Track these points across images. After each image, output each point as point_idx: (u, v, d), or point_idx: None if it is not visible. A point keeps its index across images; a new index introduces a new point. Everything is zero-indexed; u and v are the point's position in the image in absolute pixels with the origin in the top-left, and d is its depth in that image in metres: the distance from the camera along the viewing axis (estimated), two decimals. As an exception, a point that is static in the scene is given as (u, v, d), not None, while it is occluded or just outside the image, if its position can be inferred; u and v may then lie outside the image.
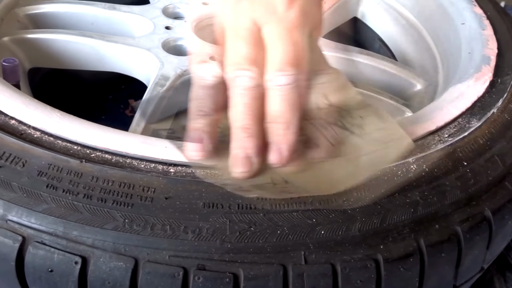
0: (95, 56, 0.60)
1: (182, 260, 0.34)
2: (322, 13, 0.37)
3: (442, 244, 0.38)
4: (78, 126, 0.41)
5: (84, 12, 0.65)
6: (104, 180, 0.37)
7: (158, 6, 0.66)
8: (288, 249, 0.35)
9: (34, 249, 0.35)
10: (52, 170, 0.37)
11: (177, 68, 0.57)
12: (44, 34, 0.60)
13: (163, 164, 0.39)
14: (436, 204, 0.38)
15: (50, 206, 0.35)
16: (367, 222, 0.37)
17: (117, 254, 0.34)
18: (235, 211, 0.36)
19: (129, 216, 0.35)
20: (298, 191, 0.37)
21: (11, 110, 0.41)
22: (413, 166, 0.40)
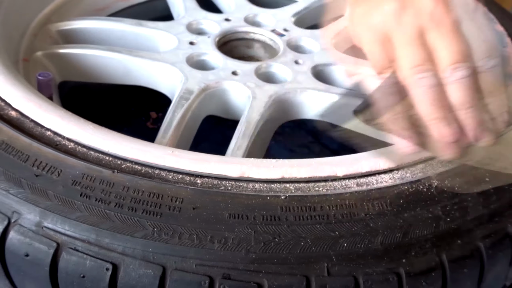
0: (123, 70, 0.62)
1: (208, 269, 0.35)
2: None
3: (465, 260, 0.38)
4: (109, 138, 0.43)
5: (112, 28, 0.68)
6: (135, 190, 0.38)
7: (183, 22, 0.69)
8: (311, 261, 0.36)
9: (67, 255, 0.36)
10: (86, 179, 0.39)
11: (200, 82, 0.59)
12: (74, 49, 0.63)
13: (190, 175, 0.41)
14: (459, 219, 0.39)
15: (84, 214, 0.37)
16: (389, 235, 0.37)
17: (146, 262, 0.36)
18: (259, 222, 0.37)
19: (158, 225, 0.37)
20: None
21: (47, 122, 0.44)
22: (434, 182, 0.41)
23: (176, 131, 0.53)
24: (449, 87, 0.39)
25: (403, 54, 0.39)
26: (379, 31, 0.40)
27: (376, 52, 0.41)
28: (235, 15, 0.71)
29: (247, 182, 0.41)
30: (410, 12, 0.39)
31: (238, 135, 0.52)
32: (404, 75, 0.39)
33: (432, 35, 0.39)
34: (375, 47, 0.40)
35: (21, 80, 0.48)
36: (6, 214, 0.38)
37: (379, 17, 0.40)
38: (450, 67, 0.38)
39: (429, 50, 0.39)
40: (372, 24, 0.40)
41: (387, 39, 0.40)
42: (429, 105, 0.39)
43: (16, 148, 0.41)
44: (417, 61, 0.39)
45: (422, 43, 0.39)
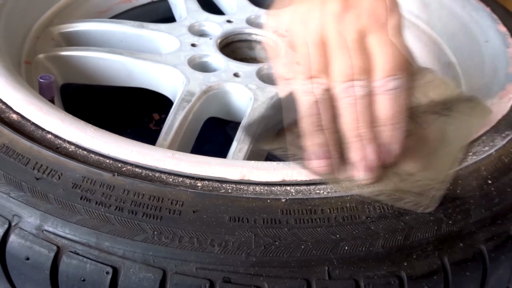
0: (125, 72, 0.63)
1: (208, 273, 0.35)
2: (400, 19, 0.38)
3: (467, 263, 0.37)
4: (110, 140, 0.43)
5: (113, 30, 0.68)
6: (135, 193, 0.38)
7: (184, 24, 0.69)
8: (312, 264, 0.36)
9: (68, 258, 0.36)
10: (86, 182, 0.39)
11: (202, 84, 0.59)
12: (76, 51, 0.63)
13: (191, 178, 0.40)
14: (460, 222, 0.38)
15: (84, 217, 0.37)
16: (391, 238, 0.37)
17: (146, 265, 0.36)
18: (260, 226, 0.37)
19: (158, 229, 0.37)
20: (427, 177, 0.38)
21: (48, 125, 0.44)
22: (436, 184, 0.41)
23: (177, 133, 0.53)
24: (378, 99, 0.36)
25: (335, 59, 0.36)
26: (316, 32, 0.36)
27: (309, 55, 0.37)
28: (237, 17, 0.71)
29: (248, 185, 0.41)
30: (314, 14, 0.36)
31: (239, 138, 0.52)
32: (334, 83, 0.36)
33: (331, 44, 0.36)
34: (310, 49, 0.36)
35: (22, 83, 0.48)
36: (6, 218, 0.38)
37: (318, 18, 0.36)
38: (343, 84, 0.35)
39: (326, 61, 0.36)
40: (310, 24, 0.36)
41: (323, 42, 0.36)
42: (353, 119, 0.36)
43: (17, 151, 0.41)
44: (308, 72, 0.36)
45: (319, 51, 0.36)
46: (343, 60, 0.36)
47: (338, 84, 0.36)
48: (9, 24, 0.58)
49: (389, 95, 0.36)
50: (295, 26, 0.38)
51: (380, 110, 0.36)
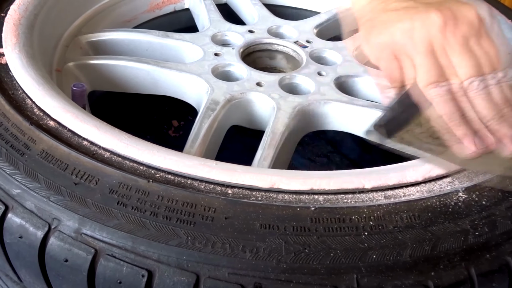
0: (150, 81, 0.64)
1: (240, 278, 0.36)
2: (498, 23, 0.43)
3: (493, 274, 0.38)
4: (144, 147, 0.44)
5: (139, 39, 0.70)
6: (169, 199, 0.40)
7: (207, 34, 0.70)
8: (341, 272, 0.37)
9: (105, 261, 0.37)
10: (122, 188, 0.40)
11: (226, 93, 0.60)
12: (104, 60, 0.65)
13: (221, 185, 0.42)
14: (487, 233, 0.39)
15: (121, 221, 0.38)
16: (418, 248, 0.38)
17: (180, 269, 0.37)
18: (290, 233, 0.38)
19: (191, 234, 0.38)
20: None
21: (84, 132, 0.45)
22: (462, 195, 0.41)
23: (203, 141, 0.54)
24: (464, 102, 0.41)
25: (414, 71, 0.41)
26: (387, 49, 0.42)
27: (393, 69, 0.43)
28: (258, 27, 0.73)
29: (277, 193, 0.42)
30: (420, 30, 0.41)
31: (264, 146, 0.53)
32: (417, 92, 0.41)
33: (442, 52, 0.41)
34: (392, 64, 0.42)
35: (58, 91, 0.50)
36: (46, 221, 0.39)
37: (386, 36, 0.42)
38: (463, 82, 0.40)
39: (440, 67, 0.41)
40: (387, 42, 0.42)
41: (395, 57, 0.42)
42: (446, 120, 0.41)
43: (56, 157, 0.42)
44: (430, 78, 0.40)
45: (432, 60, 0.41)
46: (456, 63, 0.41)
47: (458, 84, 0.41)
48: (42, 34, 0.60)
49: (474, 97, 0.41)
50: (373, 46, 0.43)
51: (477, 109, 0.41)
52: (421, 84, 0.41)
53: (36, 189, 0.40)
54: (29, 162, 0.42)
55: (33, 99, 0.48)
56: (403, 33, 0.41)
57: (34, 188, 0.40)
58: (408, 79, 0.42)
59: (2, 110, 0.47)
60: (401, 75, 0.42)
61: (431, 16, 0.40)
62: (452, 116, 0.41)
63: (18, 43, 0.55)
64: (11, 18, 0.58)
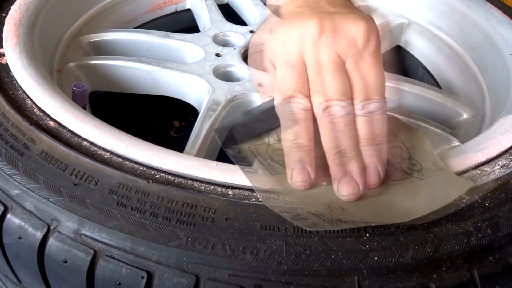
0: (151, 81, 0.64)
1: (240, 280, 0.36)
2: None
3: (496, 276, 0.38)
4: (144, 148, 0.44)
5: (140, 40, 0.70)
6: (169, 200, 0.39)
7: (209, 34, 0.70)
8: (342, 274, 0.36)
9: (104, 262, 0.37)
10: (122, 189, 0.40)
11: (227, 93, 0.60)
12: (104, 60, 0.65)
13: (222, 186, 0.41)
14: (490, 235, 0.39)
15: (120, 222, 0.38)
16: (420, 250, 0.37)
17: (180, 271, 0.36)
18: (291, 234, 0.38)
19: (191, 235, 0.37)
20: (353, 220, 0.38)
21: (84, 133, 0.45)
22: (464, 197, 0.41)
23: (204, 141, 0.54)
24: (320, 125, 0.37)
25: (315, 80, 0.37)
26: (295, 54, 0.38)
27: (288, 76, 0.38)
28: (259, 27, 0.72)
29: (278, 194, 0.41)
30: (294, 37, 0.37)
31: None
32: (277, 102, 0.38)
33: (310, 66, 0.37)
34: (288, 70, 0.38)
35: (58, 91, 0.50)
36: (46, 222, 0.39)
37: (298, 40, 0.38)
38: (323, 104, 0.37)
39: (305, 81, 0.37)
40: (290, 46, 0.38)
41: (303, 63, 0.38)
42: (333, 136, 0.37)
43: (55, 158, 0.42)
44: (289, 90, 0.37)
45: (299, 71, 0.37)
46: (322, 82, 0.37)
47: (318, 105, 0.37)
48: (43, 34, 0.60)
49: (369, 117, 0.37)
50: (275, 45, 0.39)
51: (362, 131, 0.37)
52: (281, 95, 0.38)
53: (36, 189, 0.40)
54: (29, 162, 0.42)
55: (33, 99, 0.48)
56: (279, 37, 0.38)
57: (34, 188, 0.40)
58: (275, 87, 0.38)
59: (2, 110, 0.47)
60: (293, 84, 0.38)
61: (307, 24, 0.37)
62: (299, 135, 0.37)
63: (18, 43, 0.55)
64: (12, 18, 0.58)
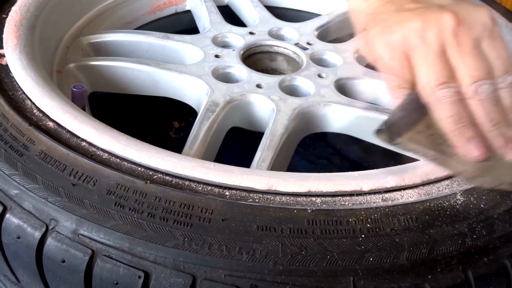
0: (150, 82, 0.64)
1: (236, 280, 0.36)
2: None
3: (491, 278, 0.38)
4: (142, 149, 0.44)
5: (140, 41, 0.70)
6: (166, 200, 0.40)
7: (208, 36, 0.71)
8: (338, 274, 0.37)
9: (102, 262, 0.38)
10: (120, 189, 0.40)
11: (226, 94, 0.60)
12: (104, 61, 0.65)
13: (219, 187, 0.42)
14: (485, 237, 0.39)
15: (118, 222, 0.38)
16: (415, 251, 0.38)
17: (177, 271, 0.37)
18: (287, 235, 0.38)
19: (188, 235, 0.38)
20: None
21: (83, 133, 0.45)
22: (460, 198, 0.41)
23: (202, 142, 0.54)
24: (473, 104, 0.40)
25: (425, 71, 0.41)
26: (399, 48, 0.41)
27: (395, 69, 0.42)
28: (259, 29, 0.73)
29: (274, 195, 0.42)
30: (432, 31, 0.40)
31: (263, 148, 0.53)
32: (427, 92, 0.41)
33: (453, 54, 0.40)
34: (395, 64, 0.42)
35: (58, 92, 0.50)
36: (44, 221, 0.39)
37: (399, 35, 0.41)
38: (473, 85, 0.40)
39: (450, 68, 0.40)
40: (392, 41, 0.41)
41: (407, 57, 0.41)
42: (453, 122, 0.40)
43: (54, 158, 0.43)
44: (440, 79, 0.40)
45: (443, 61, 0.40)
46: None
47: (468, 86, 0.40)
48: (43, 35, 0.61)
49: (482, 100, 0.40)
50: (374, 45, 0.43)
51: (477, 115, 0.40)
52: (431, 85, 0.40)
53: (34, 189, 0.40)
54: (28, 162, 0.42)
55: (32, 100, 0.49)
56: (416, 33, 0.41)
57: (32, 188, 0.41)
58: (419, 79, 0.41)
59: (1, 111, 0.47)
60: (412, 75, 0.41)
61: (444, 17, 0.40)
62: (459, 118, 0.40)
63: (18, 44, 0.55)
64: (12, 19, 0.58)
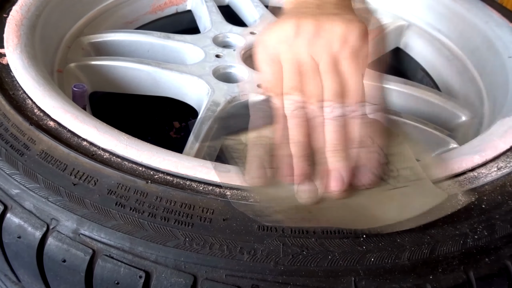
0: (151, 82, 0.64)
1: (237, 280, 0.36)
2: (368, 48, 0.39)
3: (492, 278, 0.38)
4: (143, 149, 0.44)
5: (141, 41, 0.70)
6: (167, 200, 0.40)
7: (209, 36, 0.71)
8: (339, 275, 0.36)
9: (103, 262, 0.37)
10: (121, 189, 0.40)
11: (226, 94, 0.60)
12: (105, 61, 0.65)
13: (220, 187, 0.42)
14: (486, 237, 0.39)
15: (119, 222, 0.38)
16: (417, 251, 0.38)
17: (178, 271, 0.37)
18: (288, 235, 0.38)
19: (189, 235, 0.38)
20: (319, 222, 0.38)
21: (83, 133, 0.45)
22: (461, 199, 0.41)
23: (204, 142, 0.54)
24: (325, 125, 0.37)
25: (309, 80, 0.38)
26: (291, 52, 0.39)
27: (267, 72, 0.40)
28: (259, 29, 0.73)
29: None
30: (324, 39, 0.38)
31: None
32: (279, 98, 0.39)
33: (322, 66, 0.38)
34: (284, 67, 0.39)
35: (58, 92, 0.50)
36: (45, 221, 0.39)
37: (293, 39, 0.39)
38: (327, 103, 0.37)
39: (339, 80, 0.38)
40: (286, 44, 0.39)
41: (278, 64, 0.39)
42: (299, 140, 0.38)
43: (55, 158, 0.42)
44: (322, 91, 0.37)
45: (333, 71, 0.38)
46: (316, 82, 0.38)
47: (311, 104, 0.38)
48: (44, 34, 0.61)
49: (362, 119, 0.37)
50: (274, 43, 0.40)
51: (354, 132, 0.37)
52: (277, 91, 0.39)
53: (35, 189, 0.40)
54: (29, 162, 0.42)
55: (33, 100, 0.49)
56: (280, 37, 0.39)
57: (33, 188, 0.40)
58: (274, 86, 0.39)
59: (2, 110, 0.47)
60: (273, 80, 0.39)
61: (285, 25, 0.38)
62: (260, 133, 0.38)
63: (19, 43, 0.55)
64: (13, 19, 0.58)
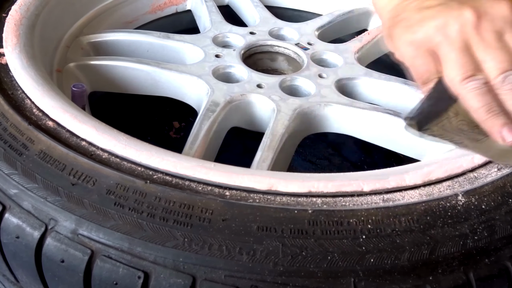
0: (151, 82, 0.64)
1: (236, 280, 0.36)
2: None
3: (492, 279, 0.38)
4: (142, 149, 0.44)
5: (140, 40, 0.70)
6: (166, 200, 0.40)
7: (209, 35, 0.70)
8: (338, 275, 0.36)
9: (101, 262, 0.37)
10: (119, 189, 0.40)
11: (226, 94, 0.60)
12: (104, 61, 0.65)
13: (219, 187, 0.42)
14: (486, 238, 0.39)
15: (117, 222, 0.38)
16: (416, 252, 0.38)
17: (177, 271, 0.37)
18: (287, 236, 0.38)
19: (188, 236, 0.38)
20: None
21: (82, 133, 0.45)
22: (461, 199, 0.41)
23: (203, 142, 0.54)
24: (502, 94, 0.41)
25: (451, 67, 0.42)
26: (423, 46, 0.43)
27: (421, 65, 0.43)
28: (259, 29, 0.73)
29: (275, 196, 0.41)
30: (454, 27, 0.41)
31: (263, 148, 0.53)
32: (455, 87, 0.42)
33: (477, 48, 0.41)
34: (420, 60, 0.43)
35: (58, 92, 0.50)
36: (43, 221, 0.39)
37: (422, 34, 0.42)
38: (500, 76, 0.40)
39: (476, 61, 0.41)
40: (415, 40, 0.43)
41: (431, 54, 0.42)
42: (485, 111, 0.41)
43: (54, 158, 0.42)
44: (466, 72, 0.41)
45: (468, 55, 0.41)
46: (492, 58, 0.41)
47: (495, 78, 0.41)
48: (44, 34, 0.60)
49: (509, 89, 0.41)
50: (399, 43, 0.44)
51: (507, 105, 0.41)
52: (457, 79, 0.41)
53: (34, 189, 0.40)
54: (27, 162, 0.42)
55: (32, 99, 0.49)
56: (438, 31, 0.42)
57: (32, 188, 0.40)
58: (446, 75, 0.42)
59: (1, 110, 0.47)
60: (438, 71, 0.42)
61: (464, 13, 0.41)
62: (490, 107, 0.41)
63: (18, 43, 0.55)
64: (12, 18, 0.58)
